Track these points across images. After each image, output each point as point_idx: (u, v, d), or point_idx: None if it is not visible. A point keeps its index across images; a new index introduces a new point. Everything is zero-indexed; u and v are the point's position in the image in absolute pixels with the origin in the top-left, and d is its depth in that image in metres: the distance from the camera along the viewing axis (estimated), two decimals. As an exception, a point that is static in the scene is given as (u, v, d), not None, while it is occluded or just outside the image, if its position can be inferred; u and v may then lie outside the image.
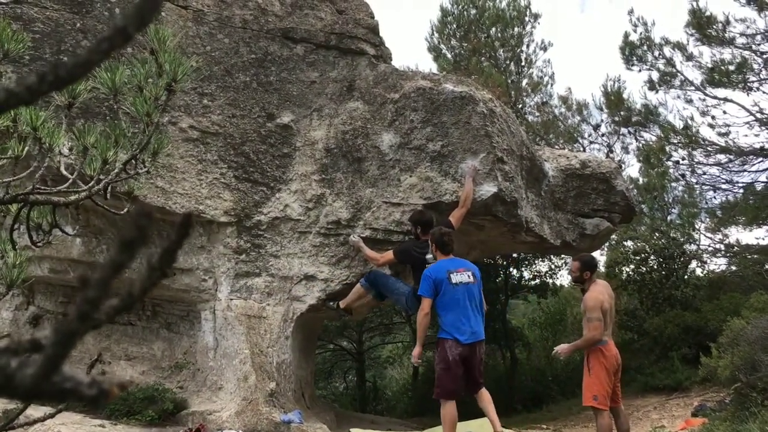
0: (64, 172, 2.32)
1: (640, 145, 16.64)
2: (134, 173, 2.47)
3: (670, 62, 15.19)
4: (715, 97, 14.84)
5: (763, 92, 14.28)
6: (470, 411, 6.80)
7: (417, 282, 6.58)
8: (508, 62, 17.04)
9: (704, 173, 15.49)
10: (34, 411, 4.90)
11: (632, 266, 12.57)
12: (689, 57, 14.82)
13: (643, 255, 12.46)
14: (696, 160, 15.39)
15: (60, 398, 0.52)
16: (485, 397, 5.89)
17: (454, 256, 6.07)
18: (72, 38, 6.44)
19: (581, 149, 16.46)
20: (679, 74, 15.16)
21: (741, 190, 15.26)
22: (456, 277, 5.81)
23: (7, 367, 0.50)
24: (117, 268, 0.50)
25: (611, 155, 16.58)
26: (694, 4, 14.29)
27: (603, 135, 17.28)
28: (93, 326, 0.51)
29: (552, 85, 17.76)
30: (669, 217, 16.20)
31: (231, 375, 7.04)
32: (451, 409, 5.74)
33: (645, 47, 15.44)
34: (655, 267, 12.24)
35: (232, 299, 7.19)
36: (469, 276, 5.87)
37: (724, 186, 15.46)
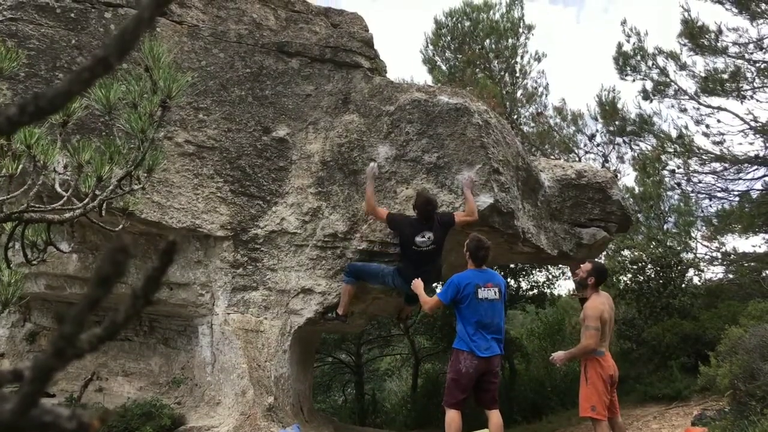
0: (59, 190, 2.32)
1: (636, 154, 16.70)
2: (129, 189, 2.47)
3: (663, 72, 15.28)
4: (709, 106, 14.92)
5: (757, 100, 14.37)
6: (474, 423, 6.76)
7: (401, 248, 6.77)
8: (502, 73, 17.11)
9: (700, 182, 15.55)
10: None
11: (629, 275, 12.56)
12: (683, 66, 14.91)
13: (640, 264, 12.45)
14: (691, 168, 15.44)
15: (39, 431, 0.51)
16: (495, 423, 5.85)
17: (486, 267, 6.05)
18: (67, 55, 6.46)
19: (577, 159, 16.50)
20: (672, 83, 15.24)
21: (737, 198, 15.31)
22: (483, 293, 5.79)
23: (-16, 403, 0.49)
24: (93, 304, 0.50)
25: (607, 165, 16.63)
26: (687, 14, 14.40)
27: (598, 145, 17.33)
28: (76, 356, 0.51)
29: (547, 95, 17.80)
30: (665, 226, 16.23)
31: (229, 390, 7.01)
32: (455, 416, 5.75)
33: (638, 57, 15.53)
34: (653, 276, 12.22)
35: (229, 313, 7.17)
36: (495, 292, 5.85)
37: (719, 194, 15.51)
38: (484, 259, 5.95)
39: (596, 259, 8.71)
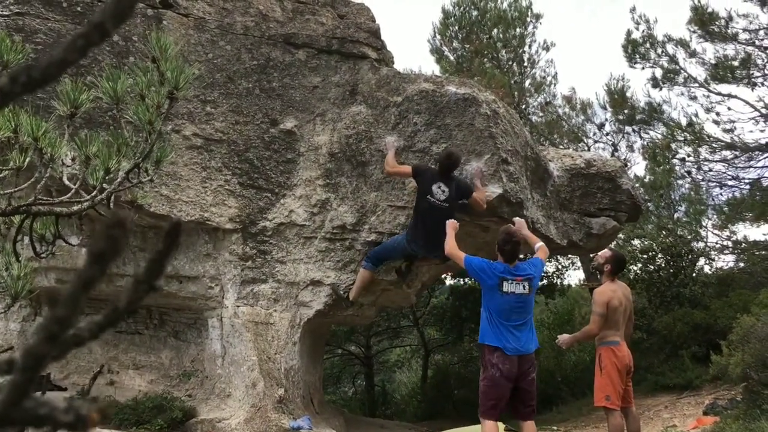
0: (67, 183, 2.31)
1: (645, 143, 16.59)
2: (137, 182, 2.46)
3: (673, 59, 15.14)
4: (719, 94, 14.78)
5: (768, 87, 14.22)
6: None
7: (416, 202, 6.64)
8: (510, 63, 17.01)
9: (710, 170, 15.42)
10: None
11: (640, 265, 12.50)
12: (692, 54, 14.77)
13: (650, 253, 12.39)
14: (702, 156, 15.32)
15: (34, 425, 0.49)
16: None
17: (519, 261, 5.43)
18: (74, 48, 6.44)
19: (586, 149, 16.41)
20: (682, 71, 15.10)
21: (748, 186, 15.18)
22: (508, 286, 5.22)
23: (-30, 395, 0.46)
24: (87, 284, 0.47)
25: (616, 154, 16.53)
26: (696, 0, 14.25)
27: (607, 134, 17.24)
28: (76, 344, 0.48)
29: (555, 85, 17.68)
30: (676, 215, 16.14)
31: (239, 382, 7.03)
32: (490, 427, 5.19)
33: (648, 45, 15.39)
34: (663, 265, 12.17)
35: (238, 306, 7.18)
36: (524, 287, 5.24)
37: (730, 182, 15.38)
38: (512, 253, 5.29)
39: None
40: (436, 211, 6.47)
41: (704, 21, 14.13)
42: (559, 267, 16.99)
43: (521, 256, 5.47)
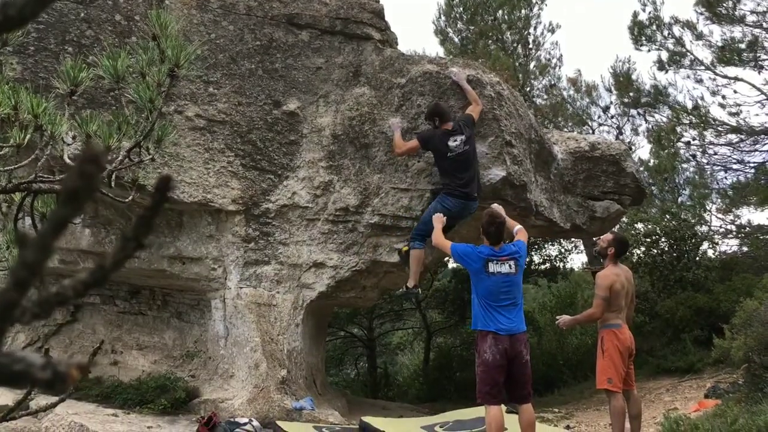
0: (68, 161, 2.29)
1: (650, 126, 16.49)
2: (138, 161, 2.44)
3: (679, 42, 15.00)
4: (725, 77, 14.65)
5: (775, 71, 14.10)
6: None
7: (438, 164, 6.76)
8: (515, 45, 16.86)
9: (715, 153, 15.34)
10: (46, 399, 4.91)
11: (643, 248, 12.47)
12: (699, 36, 14.63)
13: (653, 237, 12.35)
14: (707, 140, 15.24)
15: (9, 382, 0.47)
16: (525, 419, 5.22)
17: (504, 244, 5.32)
18: (76, 28, 6.41)
19: (590, 132, 16.33)
20: (688, 54, 14.97)
21: (752, 170, 15.11)
22: (494, 266, 5.16)
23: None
24: (60, 225, 0.45)
25: (621, 137, 16.45)
26: (704, -19, 14.09)
27: (612, 117, 17.12)
28: (59, 302, 0.47)
29: (560, 67, 17.51)
30: (680, 199, 16.09)
31: (242, 363, 7.06)
32: (495, 412, 5.11)
33: (654, 27, 15.24)
34: (666, 249, 12.13)
35: (241, 287, 7.19)
36: (510, 266, 5.19)
37: (735, 166, 15.31)
38: (496, 235, 5.22)
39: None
40: (462, 157, 6.57)
41: (711, 3, 13.98)
42: (562, 250, 16.97)
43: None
